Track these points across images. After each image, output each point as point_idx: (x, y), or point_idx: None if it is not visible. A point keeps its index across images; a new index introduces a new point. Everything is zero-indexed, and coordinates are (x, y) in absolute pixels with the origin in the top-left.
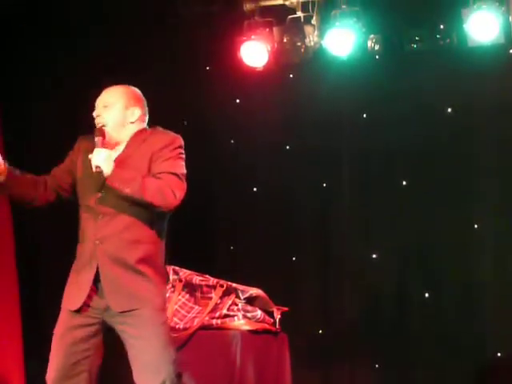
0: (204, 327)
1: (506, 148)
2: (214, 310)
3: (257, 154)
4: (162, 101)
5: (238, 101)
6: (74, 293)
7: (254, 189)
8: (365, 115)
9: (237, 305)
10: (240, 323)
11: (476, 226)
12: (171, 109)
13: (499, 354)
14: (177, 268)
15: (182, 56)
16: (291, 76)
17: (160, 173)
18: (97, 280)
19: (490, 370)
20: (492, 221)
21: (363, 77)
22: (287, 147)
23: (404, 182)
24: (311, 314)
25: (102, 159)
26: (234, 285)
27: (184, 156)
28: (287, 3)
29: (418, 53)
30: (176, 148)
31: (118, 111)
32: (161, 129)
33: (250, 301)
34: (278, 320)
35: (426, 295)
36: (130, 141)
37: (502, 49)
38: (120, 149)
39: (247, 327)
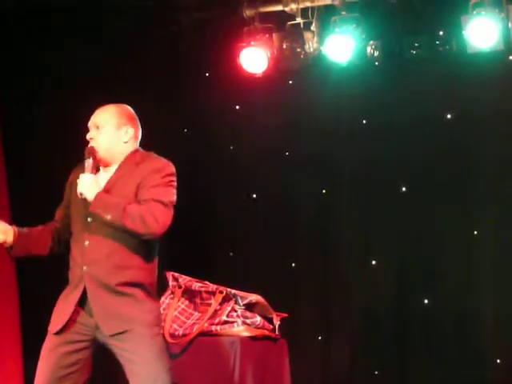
0: (203, 333)
1: (506, 154)
2: (213, 316)
3: (256, 161)
4: (162, 108)
5: (237, 107)
6: (59, 315)
7: (254, 195)
8: (364, 121)
9: (236, 311)
10: (239, 329)
11: (476, 232)
12: (171, 115)
13: (498, 361)
14: (176, 274)
15: (182, 62)
16: (291, 82)
17: (145, 200)
18: (84, 302)
19: (489, 377)
20: (492, 227)
21: (363, 83)
22: (287, 153)
23: (403, 189)
24: (311, 320)
25: (86, 185)
26: (234, 291)
27: (175, 184)
28: (287, 9)
29: (417, 59)
30: (166, 175)
31: (111, 132)
32: (154, 155)
33: (250, 307)
34: (277, 326)
35: (426, 302)
36: (122, 163)
37: (502, 55)
38: (112, 170)
39: (246, 333)
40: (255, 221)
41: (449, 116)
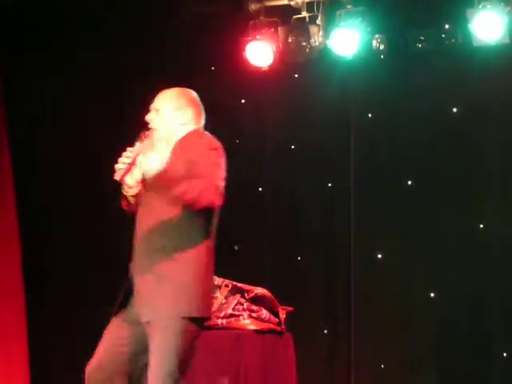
0: (209, 327)
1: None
2: (219, 309)
3: (262, 154)
4: None
5: (243, 101)
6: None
7: (260, 189)
8: (370, 115)
9: (242, 304)
10: (245, 323)
11: (481, 225)
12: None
13: (505, 355)
14: None
15: (188, 57)
16: (296, 76)
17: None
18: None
19: (495, 370)
20: (497, 220)
21: (368, 77)
22: (292, 147)
23: (409, 182)
24: (316, 313)
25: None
26: (240, 284)
27: (223, 159)
28: (292, 3)
29: (423, 53)
30: (214, 153)
31: (168, 114)
32: (205, 134)
33: (256, 300)
34: (283, 319)
35: (432, 295)
36: (174, 148)
37: (507, 48)
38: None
39: (252, 327)
40: (261, 214)
41: (455, 109)
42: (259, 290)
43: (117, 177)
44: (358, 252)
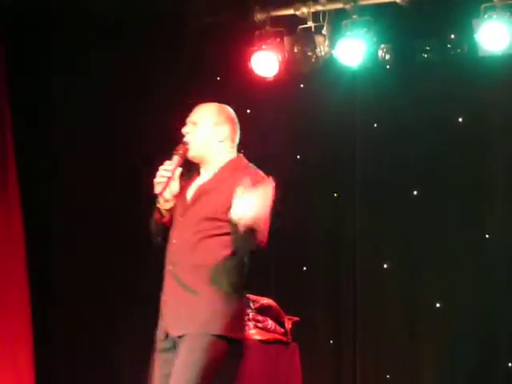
0: None
1: None
2: None
3: (267, 164)
4: (172, 112)
5: (248, 111)
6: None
7: None
8: (375, 125)
9: (248, 314)
10: (251, 333)
11: (487, 235)
12: (182, 120)
13: (510, 365)
14: None
15: (193, 66)
16: (302, 86)
17: None
18: None
19: (500, 381)
20: (503, 231)
21: (374, 86)
22: (298, 157)
23: (415, 192)
24: (322, 324)
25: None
26: (246, 294)
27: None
28: (298, 13)
29: (428, 63)
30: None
31: (207, 128)
32: (253, 166)
33: (261, 311)
34: (289, 330)
35: (438, 305)
36: (221, 170)
37: None
38: (208, 174)
39: (258, 337)
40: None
41: (460, 119)
42: (265, 301)
43: (157, 191)
44: (364, 262)
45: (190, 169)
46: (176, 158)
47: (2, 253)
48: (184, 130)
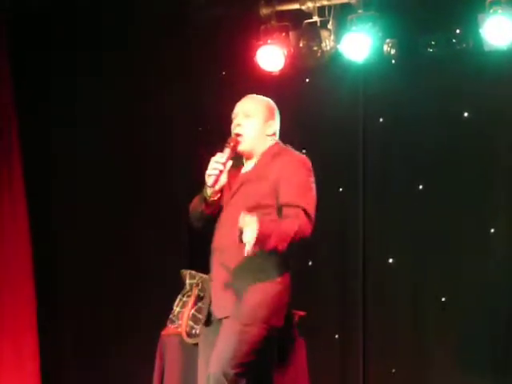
0: None
1: None
2: None
3: None
4: (177, 106)
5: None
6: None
7: None
8: (381, 119)
9: None
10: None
11: (492, 230)
12: (187, 114)
13: None
14: (193, 272)
15: (199, 61)
16: (307, 80)
17: (288, 205)
18: None
19: (504, 371)
20: (509, 226)
21: (379, 81)
22: (304, 151)
23: (420, 186)
24: (328, 318)
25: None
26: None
27: (313, 179)
28: (303, 8)
29: (434, 57)
30: (307, 171)
31: (259, 123)
32: (291, 148)
33: None
34: (295, 324)
35: (443, 299)
36: (262, 156)
37: None
38: (251, 163)
39: None
40: None
41: (466, 114)
42: None
43: (208, 183)
44: (370, 257)
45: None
46: (228, 151)
47: (8, 247)
48: (237, 122)
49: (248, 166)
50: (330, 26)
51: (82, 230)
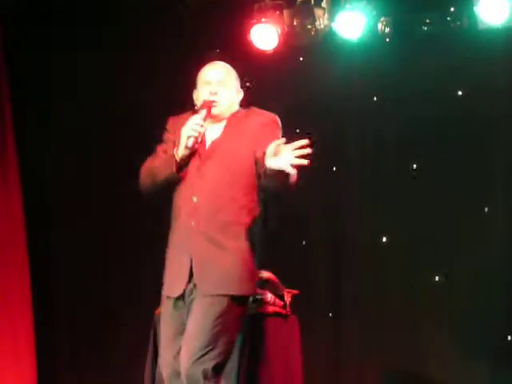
0: None
1: None
2: None
3: None
4: (171, 85)
5: (248, 84)
6: (174, 278)
7: None
8: (375, 98)
9: None
10: (250, 306)
11: (486, 209)
12: (181, 93)
13: (509, 338)
14: None
15: (192, 39)
16: (301, 59)
17: None
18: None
19: (500, 353)
20: (504, 205)
21: (373, 60)
22: (297, 131)
23: (415, 166)
24: (321, 296)
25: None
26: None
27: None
28: None
29: (428, 35)
30: (276, 126)
31: (233, 91)
32: (256, 109)
33: (261, 284)
34: (288, 303)
35: (436, 279)
36: (229, 120)
37: None
38: (219, 127)
39: (257, 310)
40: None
41: (460, 92)
42: (264, 274)
43: (188, 144)
44: (363, 235)
45: None
46: (204, 112)
47: (3, 247)
48: (213, 90)
49: (215, 129)
50: (324, 4)
51: (79, 225)
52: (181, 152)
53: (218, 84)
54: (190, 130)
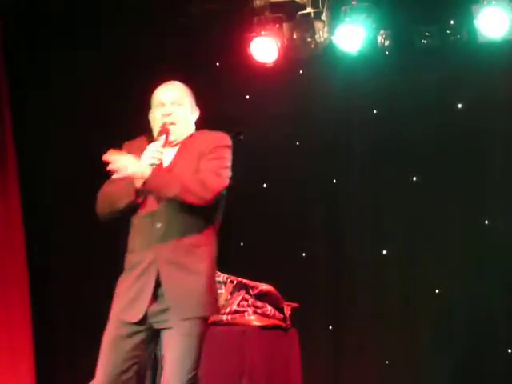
0: (214, 323)
1: None
2: (223, 305)
3: (267, 150)
4: None
5: (247, 97)
6: (132, 303)
7: (264, 185)
8: (375, 111)
9: (247, 300)
10: (250, 319)
11: (487, 222)
12: None
13: (510, 351)
14: None
15: (193, 52)
16: (301, 72)
17: (200, 170)
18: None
19: (500, 367)
20: (503, 217)
21: (373, 73)
22: (297, 143)
23: (414, 178)
24: (321, 310)
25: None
26: (245, 281)
27: (229, 154)
28: None
29: (428, 48)
30: (221, 146)
31: (188, 110)
32: (207, 131)
33: (260, 297)
34: (288, 316)
35: (437, 291)
36: (181, 147)
37: None
38: (172, 150)
39: (257, 323)
40: (266, 210)
41: (460, 105)
42: (264, 287)
43: (149, 172)
44: (363, 248)
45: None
46: (163, 138)
47: (1, 249)
48: (167, 111)
49: (170, 154)
50: (323, 17)
51: (78, 229)
52: (139, 180)
53: (172, 105)
54: (150, 158)
